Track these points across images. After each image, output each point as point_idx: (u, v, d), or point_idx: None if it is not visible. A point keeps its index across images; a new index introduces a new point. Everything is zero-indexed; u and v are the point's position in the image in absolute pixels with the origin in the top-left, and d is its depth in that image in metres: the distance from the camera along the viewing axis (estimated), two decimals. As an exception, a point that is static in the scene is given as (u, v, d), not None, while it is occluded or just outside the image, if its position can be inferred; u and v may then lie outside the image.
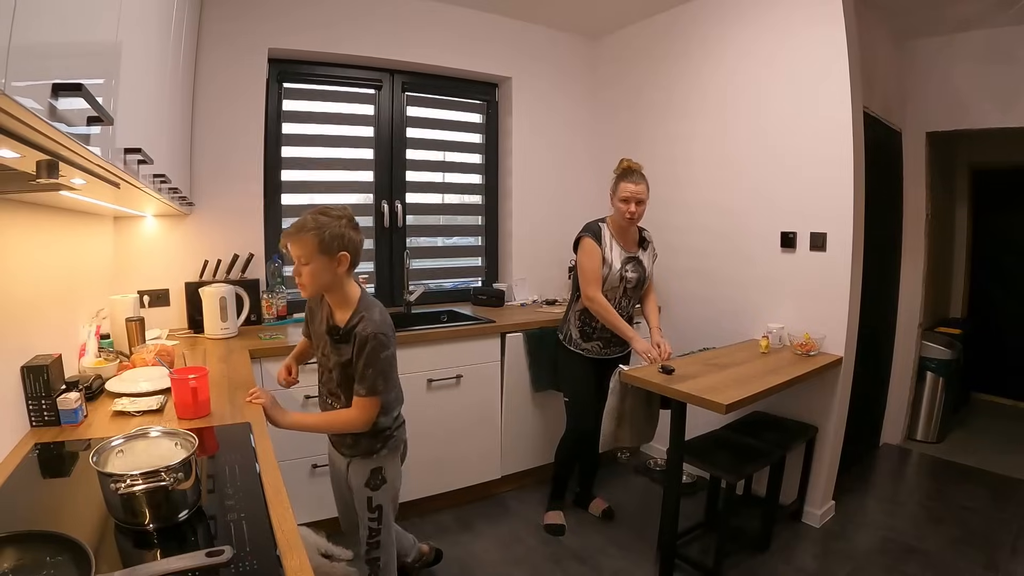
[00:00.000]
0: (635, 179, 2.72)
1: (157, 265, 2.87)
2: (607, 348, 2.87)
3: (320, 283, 1.74)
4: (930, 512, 3.14)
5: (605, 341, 2.85)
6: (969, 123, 3.67)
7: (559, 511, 3.01)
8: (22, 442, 1.46)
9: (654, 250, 2.94)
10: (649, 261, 2.89)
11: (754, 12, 3.11)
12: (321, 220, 1.70)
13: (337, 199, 3.48)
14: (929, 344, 4.10)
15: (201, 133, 2.88)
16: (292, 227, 1.71)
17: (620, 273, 2.77)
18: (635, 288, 2.84)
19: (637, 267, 2.82)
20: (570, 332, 2.91)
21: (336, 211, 1.75)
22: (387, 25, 3.35)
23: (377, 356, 1.74)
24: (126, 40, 1.19)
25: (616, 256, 2.78)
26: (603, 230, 2.79)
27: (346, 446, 1.93)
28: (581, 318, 2.86)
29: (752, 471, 2.64)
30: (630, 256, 2.81)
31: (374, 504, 1.94)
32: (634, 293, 2.86)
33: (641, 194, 2.72)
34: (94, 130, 0.88)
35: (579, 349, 2.87)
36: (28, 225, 1.61)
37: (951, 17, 3.41)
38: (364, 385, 1.75)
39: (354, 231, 1.76)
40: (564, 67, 4.05)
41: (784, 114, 3.00)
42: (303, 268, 1.71)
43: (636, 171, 2.76)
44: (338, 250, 1.70)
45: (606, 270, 2.74)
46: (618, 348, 2.88)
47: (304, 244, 1.68)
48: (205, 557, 0.94)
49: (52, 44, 0.76)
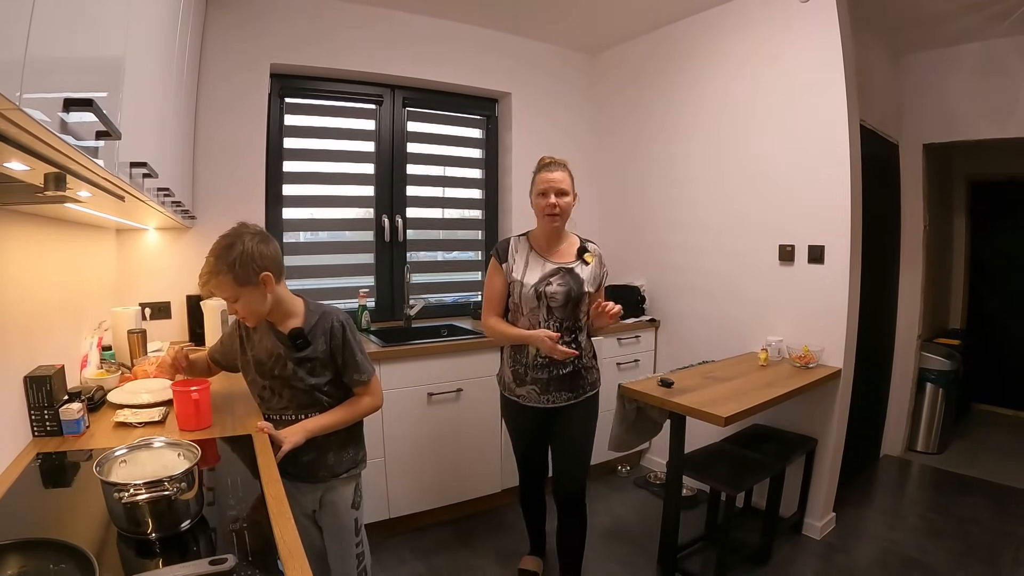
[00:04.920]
0: (551, 168, 2.31)
1: (159, 278, 2.88)
2: (546, 394, 2.33)
3: (258, 310, 1.66)
4: (931, 524, 3.13)
5: (542, 385, 2.32)
6: (965, 135, 3.71)
7: (535, 557, 2.72)
8: (24, 452, 1.47)
9: (602, 263, 2.42)
10: (590, 273, 2.34)
11: (750, 28, 3.15)
12: (224, 255, 1.59)
13: (338, 213, 3.51)
14: (928, 355, 4.11)
15: (203, 147, 2.91)
16: (203, 274, 1.61)
17: (536, 290, 2.28)
18: (564, 306, 2.28)
19: (566, 279, 2.29)
20: (503, 374, 2.47)
21: (237, 233, 1.64)
22: (388, 41, 3.39)
23: (355, 338, 1.77)
24: (132, 55, 1.21)
25: (532, 270, 2.33)
26: (513, 244, 2.41)
27: (326, 467, 1.79)
28: (511, 356, 2.41)
29: (752, 484, 2.64)
30: (558, 267, 2.32)
31: (359, 524, 1.85)
32: (564, 312, 2.29)
33: (560, 182, 2.28)
34: (101, 144, 0.90)
35: (513, 395, 2.42)
36: (32, 236, 1.63)
37: (946, 31, 3.46)
38: (361, 371, 1.77)
39: (264, 243, 1.65)
40: (563, 83, 4.09)
41: (781, 127, 3.03)
42: (235, 305, 1.64)
43: (554, 161, 2.34)
44: (257, 274, 1.61)
45: (517, 289, 2.32)
46: (564, 394, 2.33)
47: (222, 286, 1.60)
48: (208, 565, 0.95)
49: (62, 59, 0.77)
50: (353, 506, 1.85)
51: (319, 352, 1.72)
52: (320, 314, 1.75)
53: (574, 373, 2.32)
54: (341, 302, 3.47)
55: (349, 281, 3.55)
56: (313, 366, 1.73)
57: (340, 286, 3.52)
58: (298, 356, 1.71)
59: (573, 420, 2.38)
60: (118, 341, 2.39)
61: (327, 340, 1.72)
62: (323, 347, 1.73)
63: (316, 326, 1.73)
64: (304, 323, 1.73)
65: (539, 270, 2.32)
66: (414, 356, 2.89)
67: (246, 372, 1.82)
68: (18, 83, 0.59)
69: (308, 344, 1.72)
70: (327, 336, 1.72)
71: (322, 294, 3.40)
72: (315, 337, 1.72)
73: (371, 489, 2.74)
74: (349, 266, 3.58)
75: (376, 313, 3.54)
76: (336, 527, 1.84)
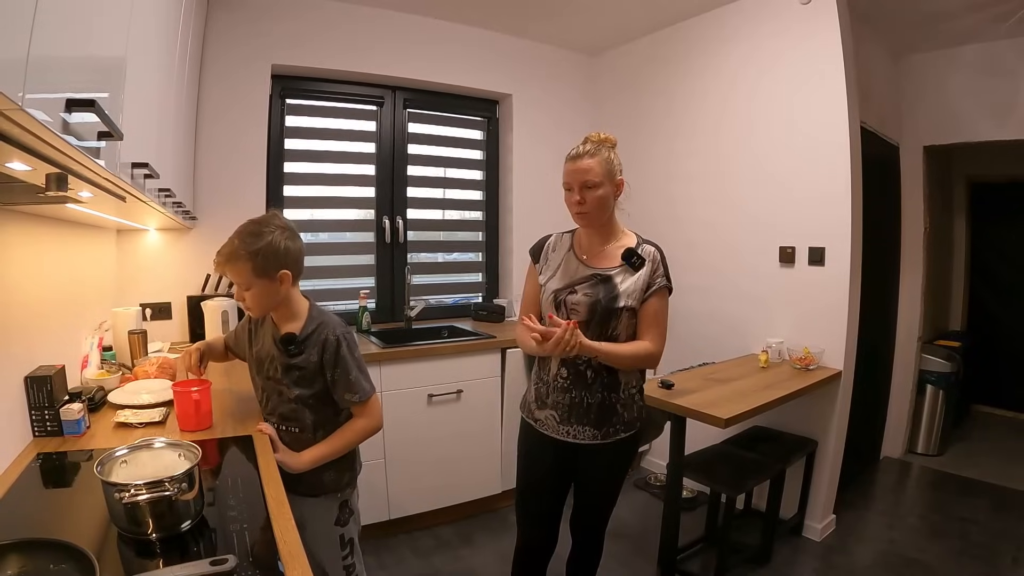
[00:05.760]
0: (578, 157, 1.88)
1: (159, 278, 2.88)
2: (566, 424, 1.86)
3: (266, 305, 1.63)
4: (931, 525, 3.13)
5: (563, 412, 1.87)
6: (966, 136, 3.71)
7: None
8: (24, 452, 1.46)
9: (657, 270, 1.91)
10: (633, 283, 1.84)
11: (751, 29, 3.15)
12: (250, 242, 1.55)
13: (338, 215, 3.52)
14: (929, 357, 4.11)
15: (204, 147, 2.91)
16: (223, 253, 1.56)
17: (557, 297, 1.87)
18: (589, 322, 1.81)
19: (596, 289, 1.83)
20: (527, 393, 2.04)
21: (267, 222, 1.60)
22: (389, 42, 3.40)
23: (353, 355, 1.66)
24: (133, 56, 1.21)
25: (560, 273, 1.92)
26: (552, 242, 2.02)
27: (304, 484, 1.64)
28: (536, 371, 2.00)
29: (752, 485, 2.63)
30: (592, 274, 1.87)
31: (346, 540, 1.75)
32: (589, 329, 1.79)
33: (587, 172, 1.82)
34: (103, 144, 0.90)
35: (531, 418, 1.98)
36: (33, 236, 1.63)
37: (947, 32, 3.46)
38: (353, 390, 1.64)
39: (291, 240, 1.61)
40: (564, 84, 4.09)
41: (781, 129, 3.03)
42: (244, 293, 1.59)
43: (585, 144, 1.92)
44: (277, 269, 1.57)
45: (543, 295, 1.94)
46: (588, 430, 1.85)
47: (239, 272, 1.56)
48: (209, 566, 0.95)
49: (64, 59, 0.77)
50: (338, 523, 1.74)
51: (310, 362, 1.64)
52: (319, 323, 1.66)
53: (605, 404, 1.85)
54: (342, 303, 3.48)
55: (350, 282, 3.55)
56: (302, 375, 1.65)
57: (341, 287, 3.53)
58: (288, 362, 1.65)
59: (596, 467, 1.95)
60: (119, 341, 2.39)
61: (319, 353, 1.63)
62: (314, 359, 1.64)
63: (312, 335, 1.65)
64: (301, 329, 1.65)
65: (569, 275, 1.90)
66: (414, 357, 2.89)
67: (250, 368, 1.80)
68: (21, 83, 0.59)
69: (300, 352, 1.64)
70: (320, 348, 1.63)
71: (323, 295, 3.41)
72: (308, 346, 1.64)
73: (371, 489, 2.76)
74: (350, 267, 3.58)
75: (376, 314, 3.54)
76: (317, 538, 1.70)
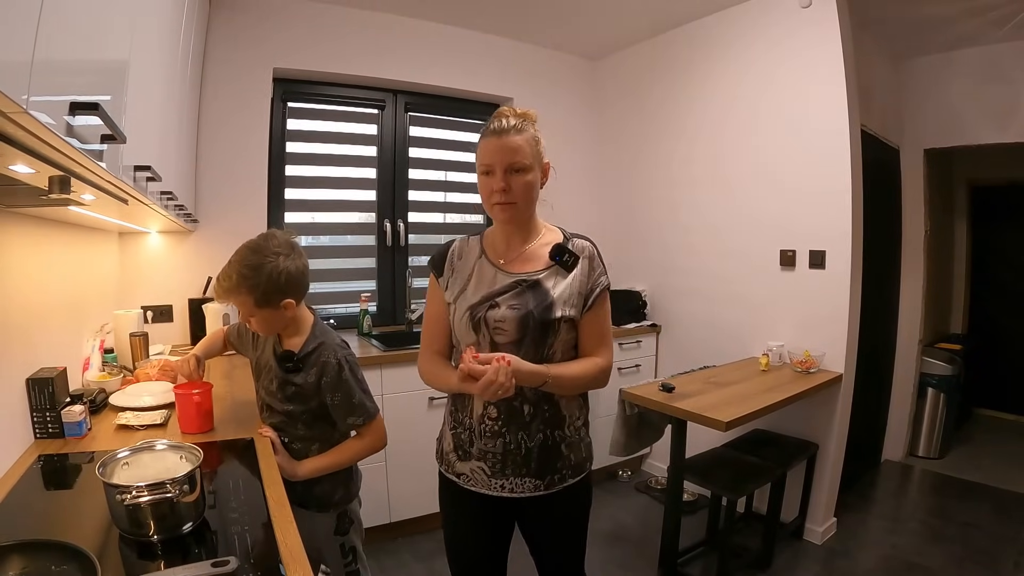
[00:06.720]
0: (501, 132, 1.42)
1: (161, 281, 2.88)
2: (500, 477, 1.46)
3: (272, 328, 1.62)
4: (932, 529, 3.12)
5: (494, 462, 1.46)
6: (966, 140, 3.72)
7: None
8: (26, 453, 1.47)
9: (594, 267, 1.49)
10: (568, 287, 1.44)
11: (752, 33, 3.16)
12: (249, 275, 1.49)
13: (340, 217, 3.52)
14: (930, 360, 4.10)
15: (206, 151, 2.92)
16: (222, 286, 1.52)
17: (474, 315, 1.44)
18: (519, 341, 1.41)
19: (523, 299, 1.42)
20: (443, 439, 1.62)
21: (265, 250, 1.53)
22: (390, 46, 3.40)
23: (356, 377, 1.64)
24: (136, 59, 1.22)
25: (473, 285, 1.50)
26: (457, 249, 1.60)
27: (295, 493, 1.51)
28: (454, 411, 1.57)
29: (753, 489, 2.63)
30: (515, 281, 1.46)
31: (347, 547, 1.74)
32: (520, 351, 1.39)
33: (516, 153, 1.41)
34: (106, 147, 0.90)
35: (452, 473, 1.56)
36: (35, 239, 1.63)
37: (947, 36, 3.47)
38: (356, 413, 1.62)
39: (292, 260, 1.55)
40: (565, 88, 4.10)
41: (782, 133, 3.04)
42: (250, 319, 1.57)
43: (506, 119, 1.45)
44: (280, 299, 1.54)
45: (452, 315, 1.51)
46: (528, 481, 1.46)
47: (241, 304, 1.54)
48: (210, 567, 0.95)
49: (68, 62, 0.78)
50: (337, 532, 1.72)
51: (307, 382, 1.61)
52: (319, 343, 1.62)
53: (547, 446, 1.46)
54: (342, 307, 3.48)
55: (351, 285, 3.55)
56: (297, 392, 1.62)
57: (342, 290, 3.53)
58: (285, 377, 1.63)
59: (545, 523, 1.57)
60: (120, 344, 2.40)
61: (317, 374, 1.60)
62: (312, 379, 1.60)
63: (311, 354, 1.61)
64: (301, 347, 1.62)
65: (485, 285, 1.48)
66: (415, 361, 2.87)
67: (252, 372, 1.81)
68: (26, 86, 0.60)
69: (298, 370, 1.61)
70: (319, 370, 1.60)
71: (324, 298, 3.41)
72: (307, 366, 1.61)
73: (372, 492, 2.75)
74: (351, 270, 3.58)
75: (377, 317, 3.54)
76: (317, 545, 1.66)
